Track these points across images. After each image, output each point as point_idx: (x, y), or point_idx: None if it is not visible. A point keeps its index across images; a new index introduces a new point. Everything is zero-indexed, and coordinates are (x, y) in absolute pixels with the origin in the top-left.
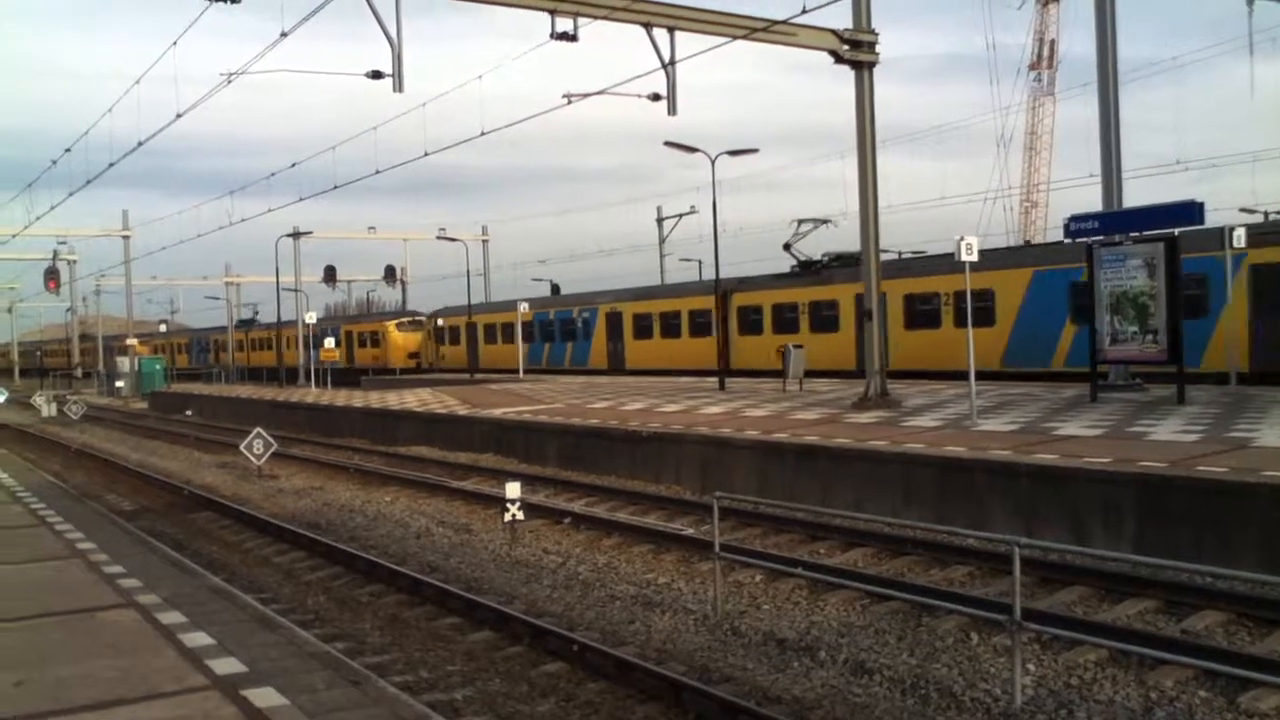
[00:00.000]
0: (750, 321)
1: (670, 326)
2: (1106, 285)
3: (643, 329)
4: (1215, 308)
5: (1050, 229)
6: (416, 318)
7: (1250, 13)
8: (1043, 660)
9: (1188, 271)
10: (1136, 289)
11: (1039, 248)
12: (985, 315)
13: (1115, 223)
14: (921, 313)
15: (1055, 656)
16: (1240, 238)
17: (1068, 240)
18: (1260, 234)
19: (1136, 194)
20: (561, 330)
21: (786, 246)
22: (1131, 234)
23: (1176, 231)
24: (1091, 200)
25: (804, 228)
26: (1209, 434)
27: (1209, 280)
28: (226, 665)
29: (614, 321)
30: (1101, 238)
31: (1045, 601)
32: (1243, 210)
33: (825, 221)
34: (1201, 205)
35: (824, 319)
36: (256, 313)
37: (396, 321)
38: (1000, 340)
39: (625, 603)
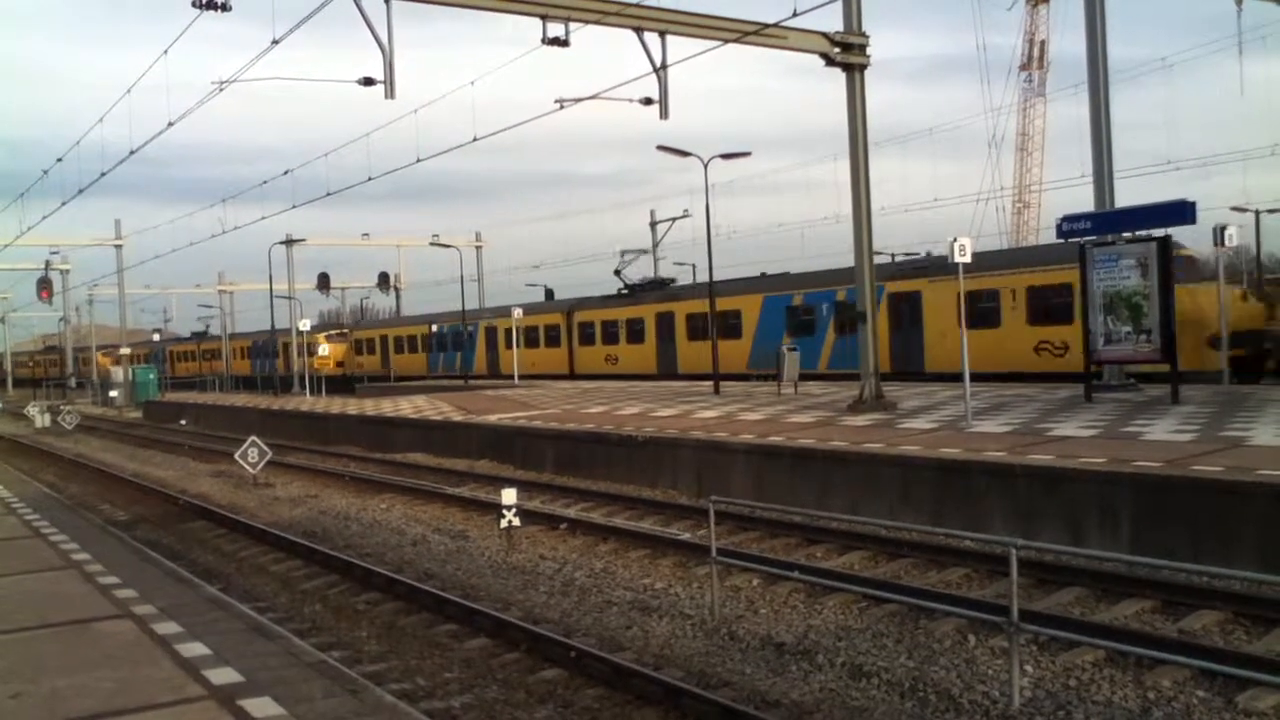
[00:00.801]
0: (586, 335)
1: (531, 339)
2: (1099, 285)
3: (512, 340)
4: (822, 329)
5: (1043, 229)
6: (343, 331)
7: (1239, 12)
8: (1040, 661)
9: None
10: (1130, 289)
11: (773, 277)
12: (735, 330)
13: (1108, 222)
14: (704, 328)
15: (1053, 658)
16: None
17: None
18: (892, 273)
19: (1128, 194)
20: (453, 342)
21: (617, 272)
22: (1124, 234)
23: (1168, 231)
24: (1084, 200)
25: (628, 256)
26: (1203, 433)
27: (818, 310)
28: (223, 675)
29: (491, 335)
30: (1094, 238)
31: (1043, 603)
32: (1234, 209)
33: (644, 251)
34: (1194, 204)
35: (635, 333)
36: (207, 327)
37: (326, 334)
38: (745, 348)
39: (622, 608)
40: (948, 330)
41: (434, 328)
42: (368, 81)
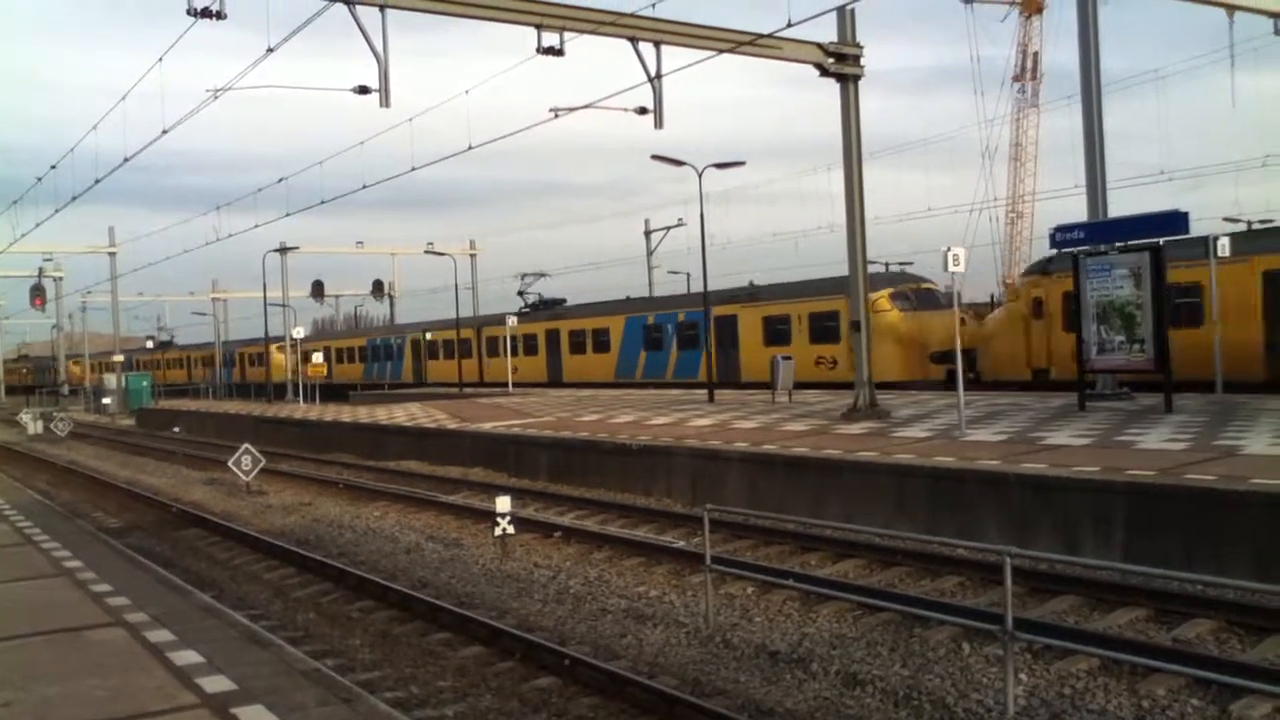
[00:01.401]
0: (492, 348)
1: (449, 350)
2: (1093, 295)
3: (433, 352)
4: (669, 345)
5: (1036, 239)
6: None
7: (1231, 24)
8: (1035, 670)
9: (658, 323)
10: (1123, 299)
11: (636, 300)
12: (605, 345)
13: (1101, 233)
14: (583, 343)
15: (1047, 666)
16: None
17: (1052, 249)
18: (715, 300)
19: (1121, 204)
20: (385, 353)
21: (520, 294)
22: (1117, 244)
23: (1162, 240)
24: (1077, 210)
25: (528, 280)
26: (1197, 442)
27: (665, 329)
28: (216, 683)
29: (416, 347)
30: (1087, 248)
31: (1037, 611)
32: (1226, 219)
33: (543, 275)
34: (1186, 215)
35: (530, 346)
36: (172, 337)
37: (278, 345)
38: (613, 361)
39: (617, 616)
40: (756, 347)
41: (369, 341)
42: (363, 90)
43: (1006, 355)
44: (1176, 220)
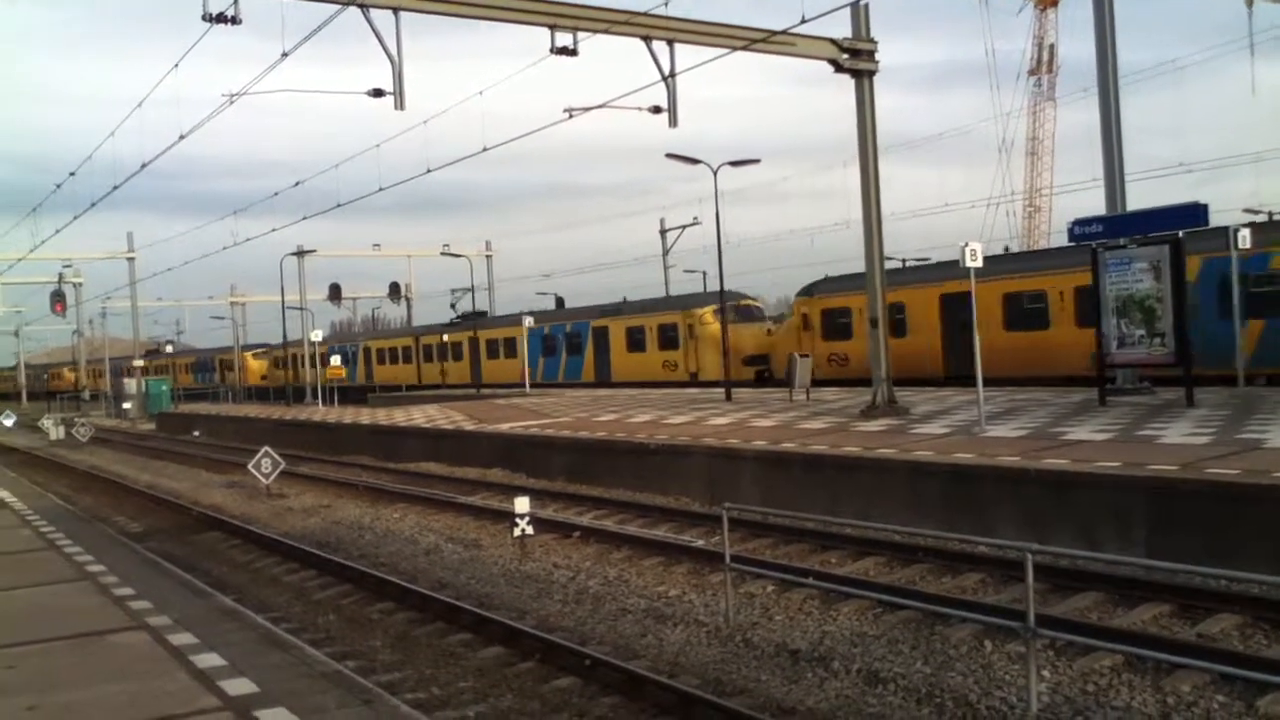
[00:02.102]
0: (427, 354)
1: (394, 356)
2: (1112, 289)
3: (381, 357)
4: (559, 351)
5: (1055, 233)
6: (268, 347)
7: (1250, 14)
8: (1057, 667)
9: (552, 333)
10: (1143, 292)
11: (537, 313)
12: (514, 351)
13: (1119, 226)
14: (498, 350)
15: (1070, 663)
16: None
17: (1070, 243)
18: (594, 314)
19: (1140, 197)
20: (344, 359)
21: (452, 306)
22: (1136, 237)
23: (1181, 233)
24: (1095, 204)
25: (457, 294)
26: (1219, 436)
27: (557, 337)
28: (238, 686)
29: (368, 353)
30: (1106, 241)
31: (1059, 608)
32: (1246, 211)
33: (468, 290)
34: (1205, 207)
35: (457, 353)
36: (159, 346)
37: (253, 353)
38: (520, 365)
39: (636, 616)
40: (622, 353)
41: (329, 348)
42: (377, 93)
43: (786, 357)
44: (1196, 213)
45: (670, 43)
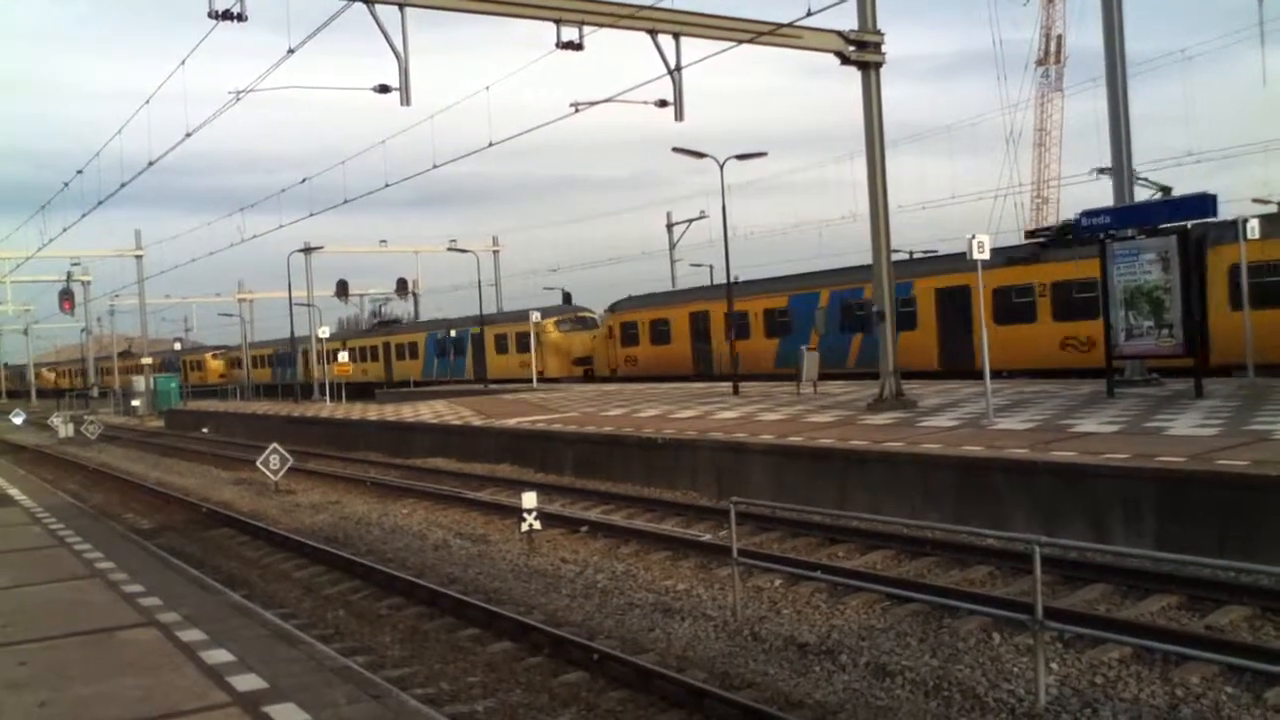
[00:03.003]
0: (353, 355)
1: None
2: (1120, 280)
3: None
4: (460, 353)
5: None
6: (227, 349)
7: (1260, 2)
8: (1066, 659)
9: (444, 336)
10: (1151, 284)
11: (432, 321)
12: (415, 353)
13: (1128, 217)
14: (406, 353)
15: (1078, 655)
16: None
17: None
18: (479, 322)
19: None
20: (286, 360)
21: (373, 314)
22: (1145, 228)
23: (1190, 224)
24: (1103, 195)
25: (377, 301)
26: (1228, 427)
27: (448, 341)
28: (247, 682)
29: (305, 356)
30: (1114, 232)
31: (1067, 600)
32: (1256, 200)
33: (390, 298)
34: (1214, 197)
35: (374, 355)
36: (130, 346)
37: (212, 354)
38: (420, 365)
39: (644, 610)
40: (493, 355)
41: (276, 351)
42: (383, 89)
43: (604, 360)
44: (1205, 203)
45: (676, 36)
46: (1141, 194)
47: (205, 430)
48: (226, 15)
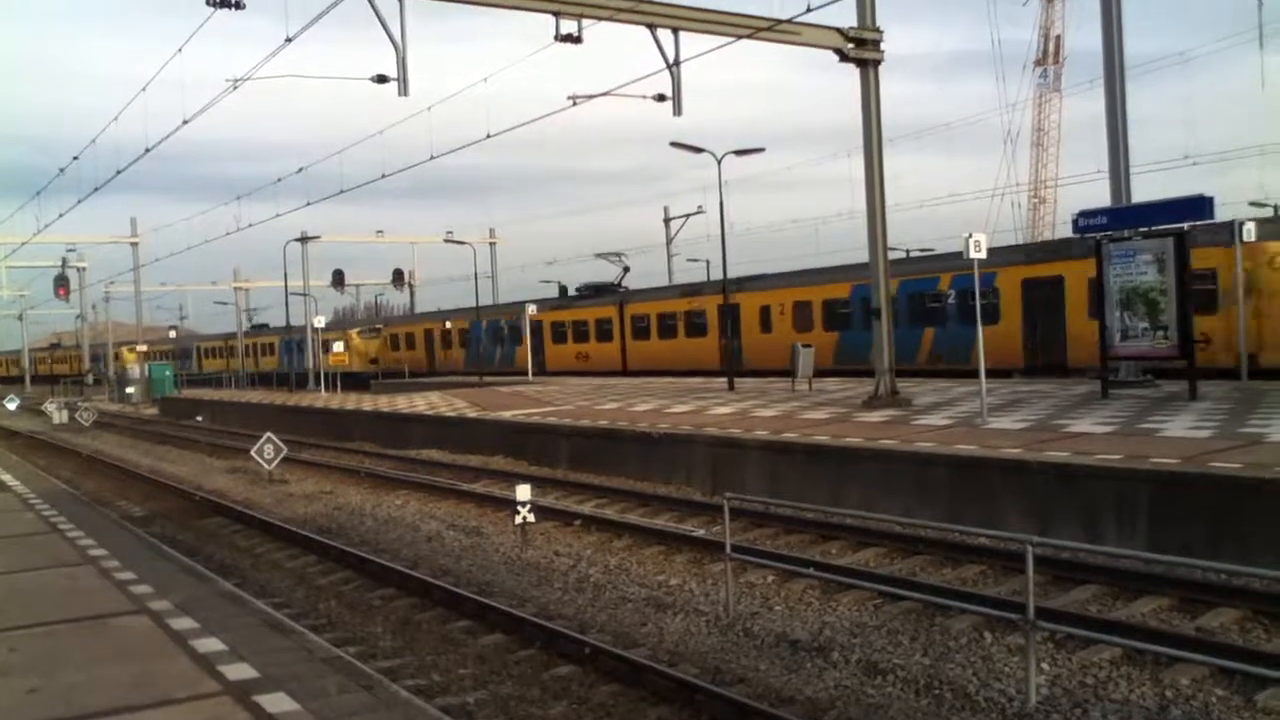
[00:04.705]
0: (249, 350)
1: (215, 352)
2: (1116, 281)
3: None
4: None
5: (1060, 224)
6: (150, 343)
7: (1260, 4)
8: (1057, 659)
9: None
10: (1146, 285)
11: (289, 328)
12: (271, 351)
13: (1125, 218)
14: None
15: (1070, 655)
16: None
17: (1075, 235)
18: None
19: (1146, 189)
20: (288, 349)
21: (256, 324)
22: (1141, 229)
23: (1186, 226)
24: (1100, 195)
25: (255, 311)
26: (1222, 430)
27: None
28: (239, 671)
29: (248, 348)
30: (1110, 233)
31: (1059, 600)
32: (1252, 204)
33: (264, 326)
34: (1211, 199)
35: (268, 350)
36: (59, 341)
37: (128, 347)
38: (346, 359)
39: (637, 604)
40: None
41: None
42: (381, 79)
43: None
44: (1202, 205)
45: (675, 31)
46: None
47: (200, 418)
48: (224, 3)
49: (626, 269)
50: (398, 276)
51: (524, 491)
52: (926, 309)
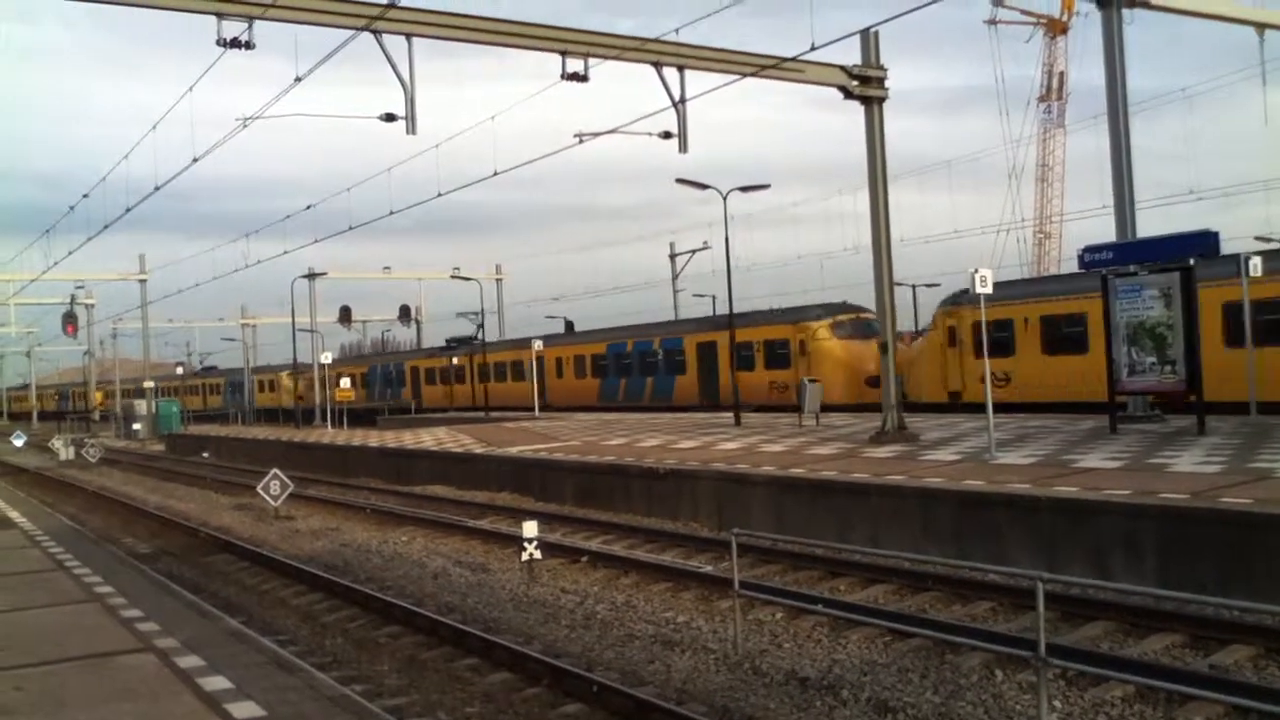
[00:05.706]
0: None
1: (197, 390)
2: (1123, 316)
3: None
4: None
5: (1065, 260)
6: (110, 381)
7: (1261, 42)
8: (1069, 697)
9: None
10: (1153, 320)
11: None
12: (218, 391)
13: (1130, 253)
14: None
15: (1081, 693)
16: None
17: (1081, 270)
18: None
19: (1150, 224)
20: (230, 389)
21: (200, 362)
22: (1147, 264)
23: (1192, 260)
24: (1106, 231)
25: (205, 356)
26: (1231, 465)
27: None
28: (245, 709)
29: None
30: (1116, 268)
31: (1070, 637)
32: (1258, 239)
33: (213, 368)
34: (1217, 234)
35: (214, 390)
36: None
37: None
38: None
39: (644, 642)
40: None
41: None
42: (389, 117)
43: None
44: (1207, 240)
45: (681, 69)
46: None
47: (206, 454)
48: (235, 43)
49: (481, 325)
50: (404, 313)
51: (530, 528)
52: (646, 363)
